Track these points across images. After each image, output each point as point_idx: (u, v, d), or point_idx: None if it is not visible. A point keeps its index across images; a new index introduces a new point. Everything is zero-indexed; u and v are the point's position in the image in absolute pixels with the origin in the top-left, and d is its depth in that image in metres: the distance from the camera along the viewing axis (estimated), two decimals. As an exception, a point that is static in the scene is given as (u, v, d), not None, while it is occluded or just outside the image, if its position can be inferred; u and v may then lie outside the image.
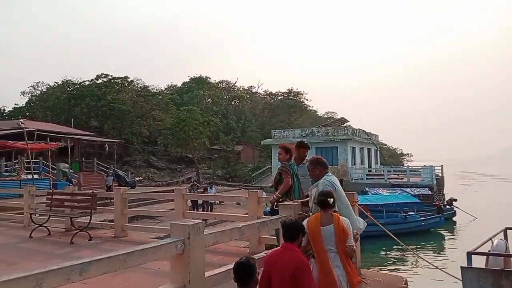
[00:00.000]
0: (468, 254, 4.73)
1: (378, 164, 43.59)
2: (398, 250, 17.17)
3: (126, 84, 47.01)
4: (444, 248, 19.33)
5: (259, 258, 3.84)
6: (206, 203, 20.62)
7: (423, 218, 21.81)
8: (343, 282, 3.79)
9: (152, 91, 51.33)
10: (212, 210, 20.87)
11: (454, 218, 25.29)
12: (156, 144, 47.09)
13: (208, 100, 57.57)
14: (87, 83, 46.81)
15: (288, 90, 58.48)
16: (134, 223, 12.99)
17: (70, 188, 11.71)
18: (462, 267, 4.64)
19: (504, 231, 5.77)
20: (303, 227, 3.73)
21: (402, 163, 71.26)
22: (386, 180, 30.51)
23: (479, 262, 4.98)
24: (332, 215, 3.95)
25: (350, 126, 40.05)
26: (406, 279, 6.41)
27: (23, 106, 48.18)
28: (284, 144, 6.38)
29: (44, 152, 25.78)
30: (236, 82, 65.56)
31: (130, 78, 47.75)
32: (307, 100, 59.80)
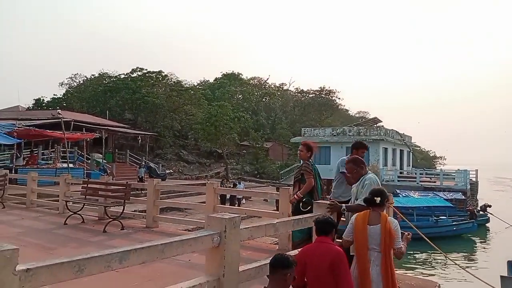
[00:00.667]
0: (509, 264, 4.55)
1: (410, 166, 42.72)
2: (429, 254, 16.81)
3: (160, 79, 47.66)
4: (476, 255, 18.80)
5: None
6: (234, 198, 20.73)
7: (455, 223, 21.27)
8: (378, 283, 3.71)
9: (185, 86, 51.80)
10: (240, 206, 20.98)
11: (487, 225, 24.57)
12: (187, 138, 47.65)
13: (239, 96, 57.75)
14: (122, 76, 47.85)
15: (320, 88, 58.08)
16: (164, 214, 13.15)
17: (104, 178, 11.97)
18: (502, 276, 4.46)
19: None
20: (335, 222, 3.77)
21: (434, 166, 69.70)
22: (418, 183, 29.90)
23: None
24: (380, 215, 3.85)
25: (383, 126, 39.35)
26: (439, 284, 6.25)
27: (61, 96, 49.61)
28: (306, 142, 6.23)
29: (79, 142, 26.47)
30: (267, 79, 65.56)
31: (164, 72, 48.42)
32: (339, 98, 59.30)
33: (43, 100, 48.38)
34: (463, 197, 26.59)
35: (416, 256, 17.16)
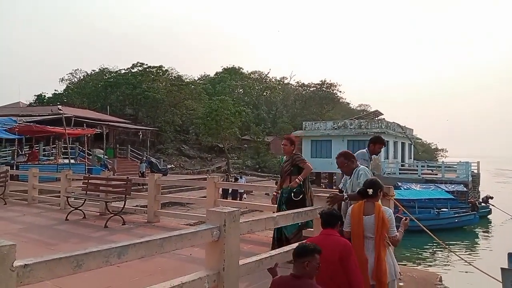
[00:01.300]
0: (510, 255, 4.53)
1: (411, 158, 42.69)
2: (431, 246, 16.83)
3: (161, 73, 47.56)
4: (478, 246, 18.81)
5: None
6: (237, 192, 20.75)
7: (456, 215, 21.27)
8: (369, 268, 3.85)
9: (186, 80, 51.73)
10: (241, 200, 21.00)
11: (489, 216, 24.58)
12: (188, 133, 47.66)
13: (240, 90, 57.65)
14: (123, 71, 47.78)
15: (321, 81, 57.87)
16: (166, 209, 13.15)
17: (105, 173, 11.99)
18: (502, 268, 4.45)
19: None
20: (340, 214, 3.94)
21: (436, 159, 69.64)
22: (419, 175, 29.88)
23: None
24: (375, 205, 3.98)
25: (384, 119, 39.28)
26: (440, 276, 6.25)
27: (62, 92, 49.59)
28: (289, 136, 6.22)
29: (80, 137, 26.50)
30: (268, 72, 65.44)
31: (164, 67, 48.33)
32: (340, 92, 59.08)
33: (44, 96, 48.39)
34: (465, 189, 26.57)
35: (418, 248, 17.17)
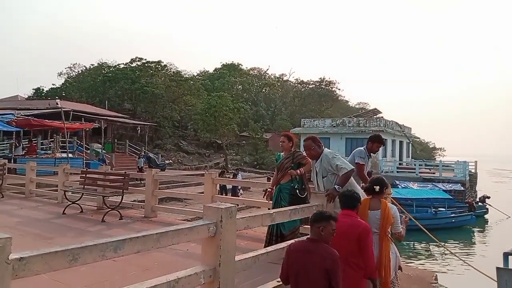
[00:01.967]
0: (505, 255, 4.52)
1: (409, 157, 42.76)
2: (428, 245, 16.88)
3: (160, 69, 47.44)
4: (475, 246, 18.87)
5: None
6: (236, 188, 20.68)
7: (453, 215, 21.30)
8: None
9: (185, 76, 51.62)
10: (238, 196, 20.95)
11: (486, 216, 24.64)
12: (186, 129, 47.62)
13: (239, 87, 57.56)
14: (121, 66, 47.60)
15: (320, 79, 57.85)
16: (163, 204, 13.17)
17: (103, 167, 11.97)
18: (498, 267, 4.45)
19: None
20: (360, 197, 4.11)
21: (434, 158, 69.72)
22: (417, 174, 29.91)
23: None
24: (381, 201, 4.22)
25: (382, 117, 39.33)
26: (436, 275, 6.28)
27: (60, 86, 49.47)
28: (287, 133, 6.24)
29: (78, 132, 26.46)
30: (267, 69, 65.33)
31: (163, 62, 48.21)
32: (339, 89, 59.12)
33: (42, 89, 48.29)
34: (462, 188, 26.61)
35: (415, 247, 17.23)
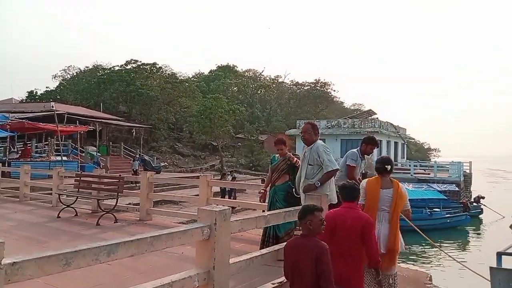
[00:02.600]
0: (498, 255, 4.55)
1: (404, 158, 42.90)
2: (422, 245, 16.92)
3: (155, 71, 47.41)
4: (469, 246, 18.95)
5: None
6: (233, 191, 20.59)
7: (448, 216, 21.39)
8: (382, 238, 4.19)
9: (180, 78, 51.57)
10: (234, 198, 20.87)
11: (480, 216, 24.76)
12: (181, 131, 47.56)
13: (234, 88, 57.59)
14: (116, 68, 47.50)
15: (315, 80, 57.91)
16: (158, 207, 13.14)
17: (97, 170, 11.94)
18: (491, 267, 4.47)
19: None
20: (359, 189, 4.18)
21: (429, 158, 70.03)
22: (412, 175, 30.01)
23: (509, 262, 4.82)
24: (392, 181, 4.39)
25: (377, 118, 39.43)
26: (430, 275, 6.31)
27: (54, 89, 49.28)
28: (281, 139, 6.18)
29: (73, 134, 26.34)
30: (263, 71, 65.53)
31: (158, 64, 48.16)
32: (334, 91, 59.20)
33: (36, 92, 48.12)
34: (457, 188, 26.75)
35: (409, 248, 17.27)
